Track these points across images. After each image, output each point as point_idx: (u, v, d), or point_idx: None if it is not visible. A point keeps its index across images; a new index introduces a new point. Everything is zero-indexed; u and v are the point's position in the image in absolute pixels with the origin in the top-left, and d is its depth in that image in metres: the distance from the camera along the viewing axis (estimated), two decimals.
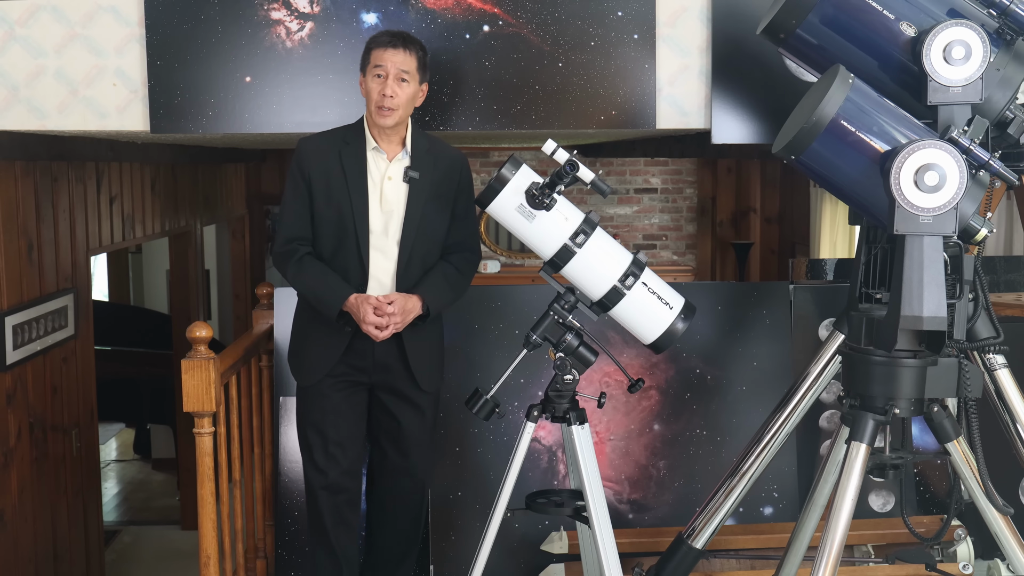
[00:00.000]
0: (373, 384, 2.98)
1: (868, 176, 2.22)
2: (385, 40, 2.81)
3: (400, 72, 2.79)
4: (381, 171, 2.88)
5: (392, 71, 2.79)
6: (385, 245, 2.88)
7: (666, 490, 3.47)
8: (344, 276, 2.86)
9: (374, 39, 2.84)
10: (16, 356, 3.93)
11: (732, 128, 3.12)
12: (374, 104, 2.81)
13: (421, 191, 2.87)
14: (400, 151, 2.89)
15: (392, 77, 2.79)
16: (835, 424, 2.89)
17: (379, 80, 2.80)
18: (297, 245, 2.90)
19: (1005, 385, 2.62)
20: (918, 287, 2.16)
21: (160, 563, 5.97)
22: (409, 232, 2.87)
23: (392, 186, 2.87)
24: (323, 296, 2.85)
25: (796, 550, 2.67)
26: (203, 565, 2.86)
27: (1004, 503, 2.42)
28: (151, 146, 4.81)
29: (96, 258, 7.34)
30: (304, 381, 2.98)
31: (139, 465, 7.97)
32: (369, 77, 2.82)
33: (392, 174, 2.88)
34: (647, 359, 3.45)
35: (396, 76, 2.79)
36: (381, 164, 2.88)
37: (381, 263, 2.88)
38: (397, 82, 2.79)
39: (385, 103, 2.79)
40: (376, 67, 2.80)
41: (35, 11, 3.04)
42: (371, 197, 2.87)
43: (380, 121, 2.82)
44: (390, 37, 2.82)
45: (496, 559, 2.80)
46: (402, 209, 2.87)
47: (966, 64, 2.21)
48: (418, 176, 2.86)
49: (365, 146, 2.87)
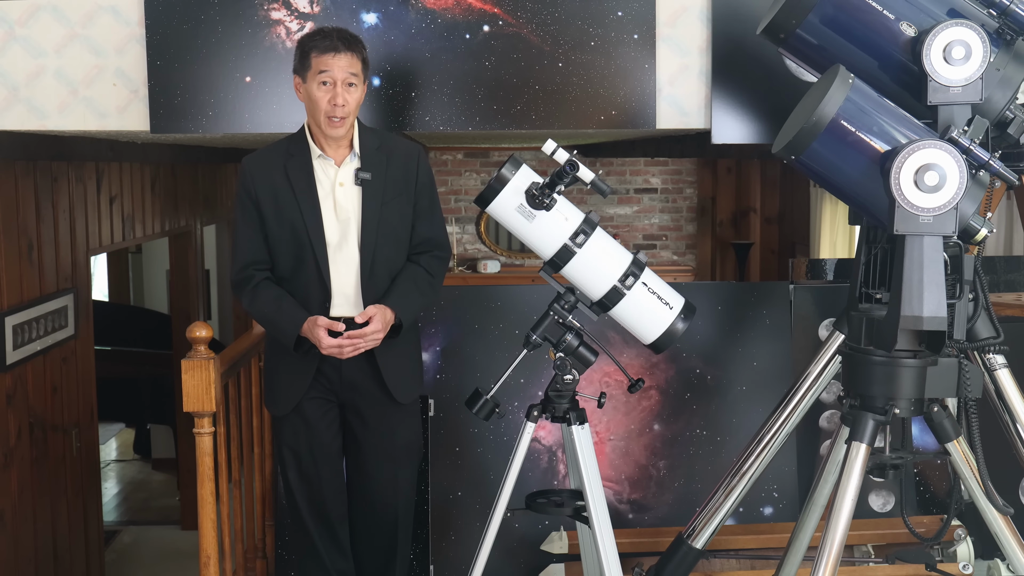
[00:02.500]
0: (342, 403, 2.89)
1: (868, 176, 2.22)
2: (328, 44, 2.66)
3: (348, 77, 2.67)
4: (331, 178, 2.75)
5: (340, 77, 2.66)
6: (345, 256, 2.75)
7: (666, 490, 3.47)
8: (305, 295, 2.75)
9: (313, 42, 2.68)
10: (16, 356, 3.93)
11: (732, 128, 3.12)
12: (323, 114, 2.67)
13: (376, 192, 2.75)
14: (348, 154, 2.76)
15: (340, 84, 2.66)
16: (835, 424, 2.89)
17: (326, 88, 2.66)
18: (253, 271, 2.78)
19: (1005, 385, 2.62)
20: (918, 287, 2.16)
21: (160, 563, 5.97)
22: (369, 237, 2.74)
23: (345, 192, 2.75)
24: (279, 324, 2.74)
25: (796, 550, 2.67)
26: (203, 565, 2.86)
27: (1004, 503, 2.42)
28: (151, 146, 4.81)
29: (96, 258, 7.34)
30: (277, 411, 2.89)
31: (139, 465, 7.97)
32: (313, 84, 2.67)
33: (343, 179, 2.75)
34: (647, 359, 3.45)
35: (344, 82, 2.66)
36: (330, 171, 2.76)
37: (344, 275, 2.76)
38: (346, 88, 2.67)
39: (337, 112, 2.66)
40: (322, 73, 2.65)
41: (35, 11, 3.04)
42: (324, 207, 2.74)
43: (331, 132, 2.70)
44: (333, 40, 2.66)
45: (496, 559, 2.80)
46: (358, 214, 2.75)
47: (966, 64, 2.21)
48: (370, 177, 2.73)
49: (310, 155, 2.76)
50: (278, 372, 2.87)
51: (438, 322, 3.46)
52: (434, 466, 3.39)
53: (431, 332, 3.45)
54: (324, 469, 2.90)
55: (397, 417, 2.90)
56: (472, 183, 8.45)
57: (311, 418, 2.86)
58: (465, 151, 8.45)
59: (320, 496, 2.92)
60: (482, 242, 8.59)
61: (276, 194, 2.76)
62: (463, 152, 8.46)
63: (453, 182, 8.51)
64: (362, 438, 2.90)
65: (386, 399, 2.85)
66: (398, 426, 2.91)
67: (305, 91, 2.72)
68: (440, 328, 3.46)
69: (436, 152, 8.36)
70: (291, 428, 2.88)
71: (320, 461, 2.89)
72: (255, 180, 2.77)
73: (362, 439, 2.90)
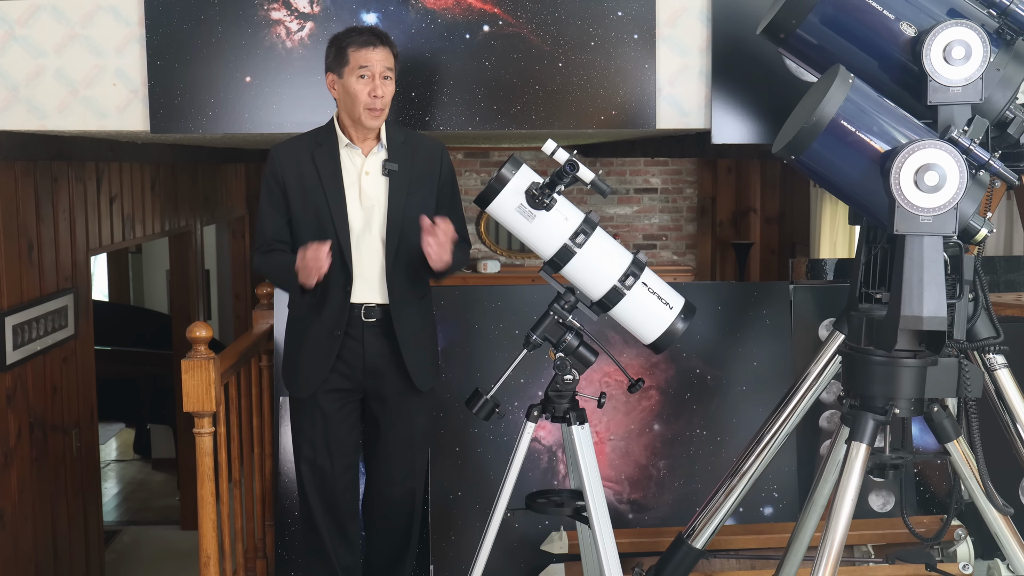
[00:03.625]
0: (364, 392, 2.93)
1: (868, 176, 2.22)
2: (365, 39, 2.76)
3: (384, 70, 2.77)
4: (357, 167, 2.84)
5: (378, 70, 2.75)
6: (369, 243, 2.83)
7: (666, 490, 3.47)
8: (327, 278, 2.77)
9: (349, 38, 2.77)
10: (16, 356, 3.93)
11: (732, 128, 3.12)
12: (362, 106, 2.76)
13: (402, 183, 2.83)
14: (375, 145, 2.84)
15: (379, 76, 2.75)
16: (835, 424, 2.89)
17: (365, 81, 2.75)
18: (272, 243, 2.86)
19: (1005, 385, 2.62)
20: (918, 287, 2.16)
21: (160, 563, 5.96)
22: (394, 226, 2.82)
23: (370, 181, 2.83)
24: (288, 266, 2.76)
25: (796, 550, 2.67)
26: (203, 565, 2.86)
27: (1004, 503, 2.42)
28: (151, 146, 4.81)
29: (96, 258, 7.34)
30: (298, 393, 2.92)
31: (139, 465, 7.96)
32: (351, 78, 2.76)
33: (369, 169, 2.84)
34: (647, 359, 3.45)
35: (381, 75, 2.76)
36: (356, 160, 2.84)
37: (367, 262, 2.83)
38: (383, 81, 2.76)
39: (376, 104, 2.76)
40: (362, 68, 2.74)
41: (35, 11, 3.04)
42: (349, 195, 2.82)
43: (371, 123, 2.78)
44: (369, 36, 2.77)
45: (496, 559, 2.80)
46: (384, 203, 2.83)
47: (966, 64, 2.21)
48: (397, 168, 2.82)
49: (338, 144, 2.84)
50: (300, 352, 2.91)
51: (438, 322, 3.45)
52: (434, 466, 3.39)
53: None
54: (338, 463, 2.94)
55: (418, 405, 2.97)
56: (472, 183, 8.46)
57: (329, 411, 2.90)
58: (465, 151, 8.46)
59: (332, 490, 2.95)
60: (482, 242, 8.60)
61: (303, 179, 2.83)
62: (463, 152, 8.46)
63: None
64: (383, 423, 2.95)
65: (407, 387, 2.91)
66: (418, 414, 2.98)
67: (341, 86, 2.79)
68: (440, 328, 3.46)
69: None
70: (309, 419, 2.92)
71: (335, 454, 2.93)
72: (283, 165, 2.85)
73: (383, 424, 2.95)
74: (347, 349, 2.86)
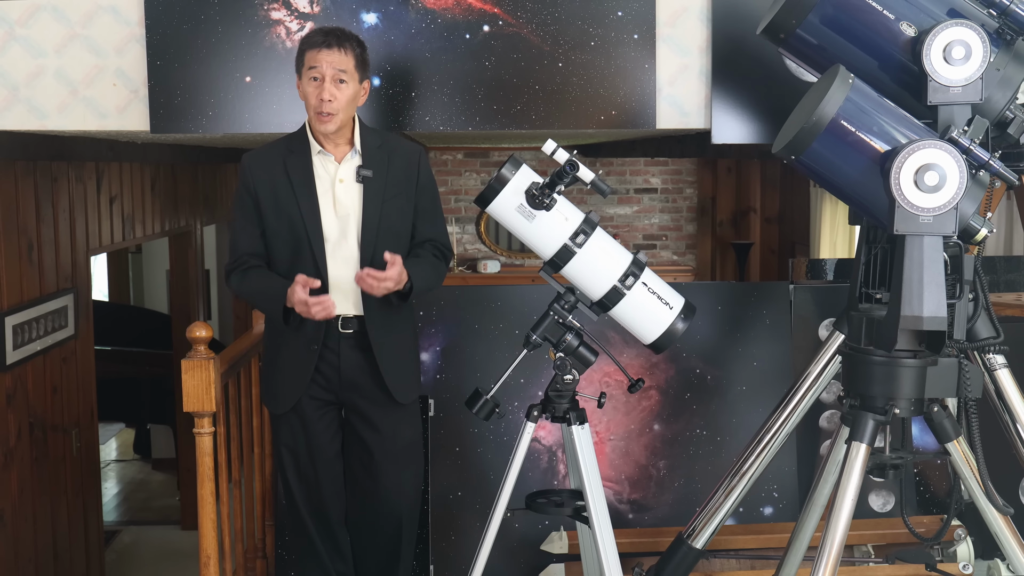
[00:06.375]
0: (343, 403, 2.88)
1: (868, 176, 2.22)
2: (318, 40, 2.67)
3: (337, 73, 2.67)
4: (330, 174, 2.76)
5: (328, 73, 2.66)
6: (344, 251, 2.76)
7: (666, 490, 3.47)
8: None
9: (307, 39, 2.71)
10: (16, 356, 3.93)
11: (732, 128, 3.12)
12: (312, 110, 2.69)
13: (377, 190, 2.75)
14: (349, 151, 2.77)
15: (329, 79, 2.66)
16: (835, 424, 2.89)
17: (315, 84, 2.67)
18: (247, 258, 2.78)
19: (1005, 385, 2.62)
20: (918, 287, 2.16)
21: (160, 563, 5.97)
22: (369, 234, 2.75)
23: (345, 188, 2.76)
24: (267, 293, 2.72)
25: (796, 550, 2.67)
26: (203, 565, 2.86)
27: (1004, 503, 2.42)
28: (151, 146, 4.81)
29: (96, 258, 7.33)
30: (277, 409, 2.88)
31: (139, 465, 7.97)
32: (304, 80, 2.70)
33: (343, 176, 2.76)
34: (647, 359, 3.45)
35: (333, 78, 2.67)
36: (330, 167, 2.77)
37: (342, 271, 2.75)
38: (335, 84, 2.67)
39: (324, 108, 2.66)
40: (311, 69, 2.67)
41: (35, 11, 3.04)
42: (323, 203, 2.75)
43: (321, 127, 2.70)
44: (323, 36, 2.68)
45: (496, 559, 2.80)
46: (359, 211, 2.76)
47: (966, 64, 2.20)
48: (371, 174, 2.73)
49: (310, 151, 2.76)
50: (276, 367, 2.87)
51: (438, 322, 3.46)
52: (434, 466, 3.39)
53: (431, 332, 3.45)
54: (322, 470, 2.90)
55: (398, 417, 2.89)
56: (472, 183, 8.46)
57: (309, 419, 2.85)
58: (465, 151, 8.45)
59: (319, 497, 2.91)
60: (482, 242, 8.59)
61: (275, 189, 2.76)
62: (463, 152, 8.46)
63: (453, 182, 8.52)
64: (365, 438, 2.89)
65: (386, 399, 2.85)
66: (400, 426, 2.90)
67: (300, 88, 2.75)
68: (440, 328, 3.46)
69: (436, 152, 8.36)
70: (288, 428, 2.88)
71: (318, 462, 2.89)
72: (254, 175, 2.78)
73: (365, 439, 2.89)
74: (324, 361, 2.80)
